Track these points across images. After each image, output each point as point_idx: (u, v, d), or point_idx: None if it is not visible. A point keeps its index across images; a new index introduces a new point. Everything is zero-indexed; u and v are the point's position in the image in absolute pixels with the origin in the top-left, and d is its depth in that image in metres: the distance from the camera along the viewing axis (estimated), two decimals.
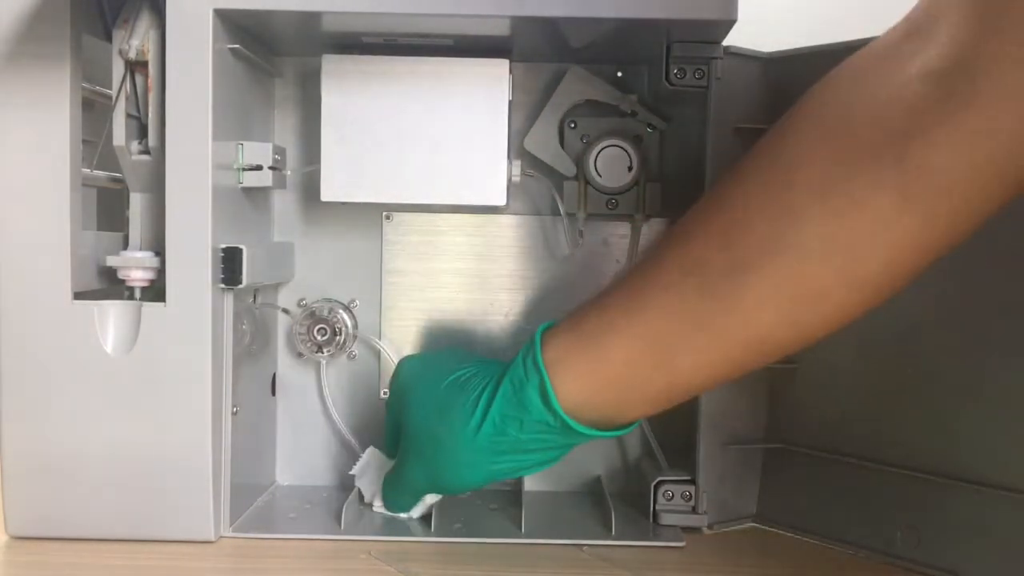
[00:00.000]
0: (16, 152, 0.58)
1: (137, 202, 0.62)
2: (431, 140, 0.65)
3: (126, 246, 0.63)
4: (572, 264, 0.73)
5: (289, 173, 0.69)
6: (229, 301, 0.61)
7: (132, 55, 0.59)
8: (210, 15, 0.57)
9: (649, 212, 0.71)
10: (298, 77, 0.72)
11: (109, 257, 0.61)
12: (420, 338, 0.73)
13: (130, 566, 0.57)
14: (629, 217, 0.71)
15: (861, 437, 0.62)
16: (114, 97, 0.60)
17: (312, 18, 0.60)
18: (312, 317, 0.71)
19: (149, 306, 0.59)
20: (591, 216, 0.71)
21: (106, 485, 0.59)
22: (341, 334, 0.71)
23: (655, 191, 0.70)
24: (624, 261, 0.72)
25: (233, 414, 0.62)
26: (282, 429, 0.74)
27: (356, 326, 0.72)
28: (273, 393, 0.73)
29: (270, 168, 0.64)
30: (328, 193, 0.66)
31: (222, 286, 0.60)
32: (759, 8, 0.65)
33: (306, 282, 0.73)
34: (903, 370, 0.60)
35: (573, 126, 0.71)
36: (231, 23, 0.60)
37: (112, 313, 0.59)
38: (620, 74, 0.72)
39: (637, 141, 0.70)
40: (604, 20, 0.58)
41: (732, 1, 0.57)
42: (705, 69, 0.63)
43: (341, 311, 0.72)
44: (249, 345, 0.66)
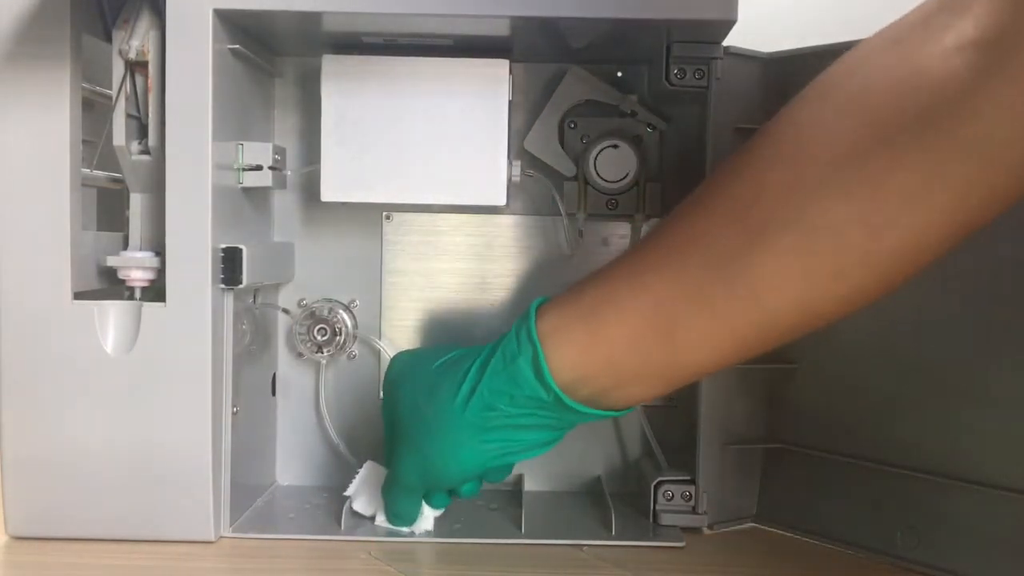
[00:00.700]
0: (16, 152, 0.58)
1: (137, 202, 0.62)
2: (431, 140, 0.65)
3: (126, 246, 0.63)
4: (572, 264, 0.73)
5: (289, 173, 0.69)
6: (229, 301, 0.61)
7: (132, 55, 0.59)
8: (210, 15, 0.57)
9: (649, 212, 0.71)
10: (298, 77, 0.72)
11: (109, 257, 0.61)
12: (420, 338, 0.73)
13: (130, 566, 0.57)
14: (629, 217, 0.71)
15: (861, 437, 0.62)
16: (114, 97, 0.60)
17: (312, 18, 0.60)
18: (312, 317, 0.71)
19: (149, 306, 0.59)
20: (591, 216, 0.71)
21: (106, 485, 0.59)
22: (341, 334, 0.71)
23: (655, 191, 0.70)
24: None
25: (233, 414, 0.62)
26: (282, 429, 0.74)
27: (356, 326, 0.72)
28: (273, 393, 0.73)
29: (270, 168, 0.64)
30: (328, 193, 0.66)
31: (222, 286, 0.60)
32: (759, 8, 0.65)
33: (306, 282, 0.73)
34: (903, 370, 0.60)
35: (573, 126, 0.71)
36: (231, 23, 0.60)
37: (112, 313, 0.59)
38: (620, 74, 0.72)
39: (637, 141, 0.70)
40: (604, 20, 0.58)
41: (732, 1, 0.57)
42: (705, 69, 0.63)
43: (341, 311, 0.72)
44: (249, 345, 0.66)
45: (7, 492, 0.60)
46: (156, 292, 0.61)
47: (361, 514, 0.65)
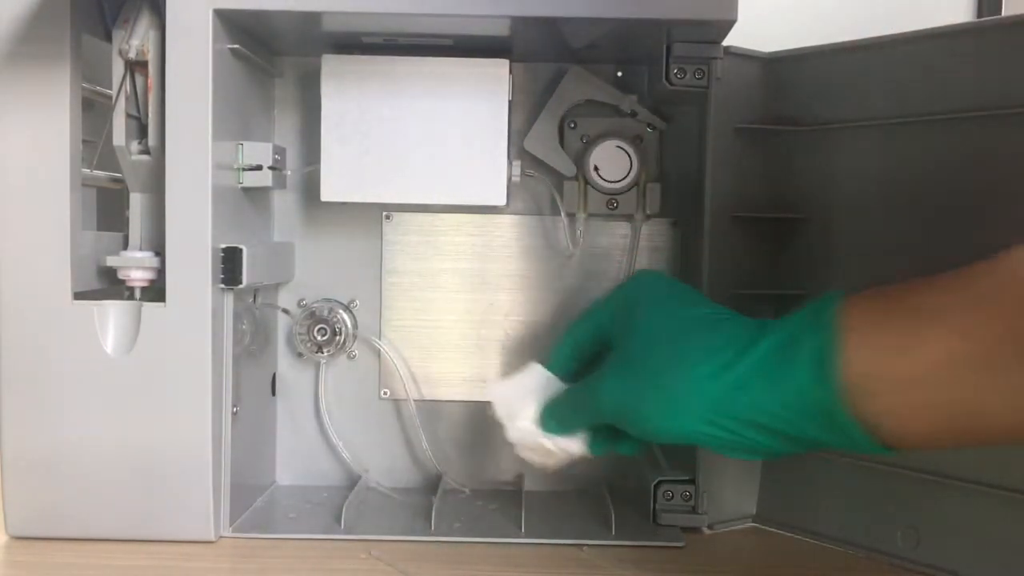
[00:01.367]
0: (16, 152, 0.58)
1: (137, 202, 0.62)
2: (431, 140, 0.65)
3: (126, 246, 0.63)
4: (572, 264, 0.73)
5: (289, 173, 0.69)
6: (229, 301, 0.61)
7: (132, 55, 0.59)
8: (210, 15, 0.57)
9: (649, 212, 0.71)
10: (298, 77, 0.72)
11: (109, 257, 0.61)
12: (420, 338, 0.73)
13: (130, 566, 0.57)
14: (629, 217, 0.71)
15: None
16: (114, 97, 0.60)
17: (312, 18, 0.60)
18: (312, 317, 0.71)
19: (149, 306, 0.59)
20: (591, 216, 0.71)
21: (106, 485, 0.59)
22: (341, 334, 0.71)
23: (655, 191, 0.70)
24: (624, 261, 0.72)
25: (233, 414, 0.62)
26: (282, 429, 0.74)
27: (356, 326, 0.72)
28: (273, 393, 0.73)
29: (270, 168, 0.64)
30: (328, 193, 0.66)
31: (222, 286, 0.60)
32: (759, 8, 0.65)
33: (306, 282, 0.73)
34: None
35: (573, 126, 0.71)
36: (231, 23, 0.60)
37: (112, 313, 0.59)
38: (620, 74, 0.72)
39: (637, 141, 0.70)
40: (604, 20, 0.58)
41: (732, 1, 0.57)
42: (705, 69, 0.63)
43: (341, 311, 0.72)
44: (249, 345, 0.66)
45: (7, 492, 0.60)
46: (156, 292, 0.61)
47: (502, 413, 0.58)
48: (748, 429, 0.46)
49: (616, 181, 0.70)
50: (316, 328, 0.71)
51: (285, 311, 0.72)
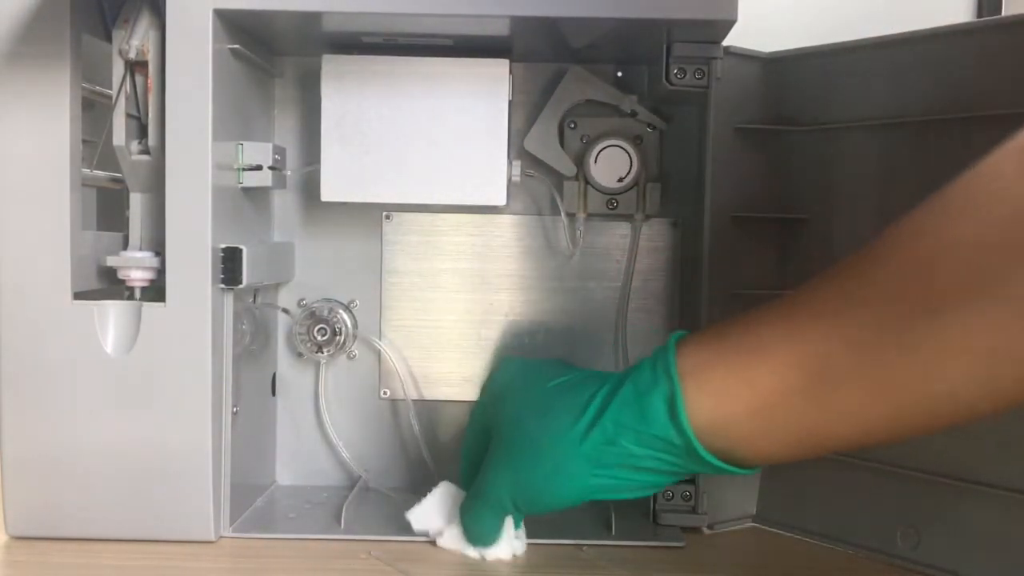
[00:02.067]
0: (16, 152, 0.58)
1: (137, 202, 0.62)
2: (431, 140, 0.65)
3: (126, 246, 0.63)
4: (572, 264, 0.73)
5: (289, 173, 0.69)
6: (229, 301, 0.61)
7: (132, 55, 0.59)
8: (210, 15, 0.57)
9: (649, 212, 0.71)
10: (298, 77, 0.72)
11: (109, 257, 0.61)
12: (420, 338, 0.73)
13: (130, 566, 0.57)
14: (629, 217, 0.71)
15: None
16: (114, 97, 0.60)
17: (312, 18, 0.60)
18: (312, 317, 0.71)
19: (149, 306, 0.59)
20: (591, 216, 0.71)
21: (106, 485, 0.59)
22: (341, 334, 0.71)
23: (655, 191, 0.70)
24: (624, 261, 0.72)
25: (233, 414, 0.62)
26: (282, 429, 0.74)
27: (356, 326, 0.72)
28: (273, 393, 0.73)
29: (270, 168, 0.64)
30: (328, 193, 0.66)
31: (222, 286, 0.60)
32: (759, 8, 0.65)
33: (306, 282, 0.73)
34: None
35: (573, 126, 0.71)
36: (231, 23, 0.60)
37: (112, 313, 0.59)
38: (620, 74, 0.72)
39: (637, 141, 0.70)
40: (604, 20, 0.58)
41: (732, 1, 0.57)
42: (705, 69, 0.63)
43: (341, 311, 0.72)
44: (249, 345, 0.66)
45: (7, 492, 0.60)
46: (156, 292, 0.61)
47: (423, 531, 0.61)
48: (630, 473, 0.51)
49: (616, 181, 0.70)
50: (316, 328, 0.71)
51: (285, 311, 0.72)
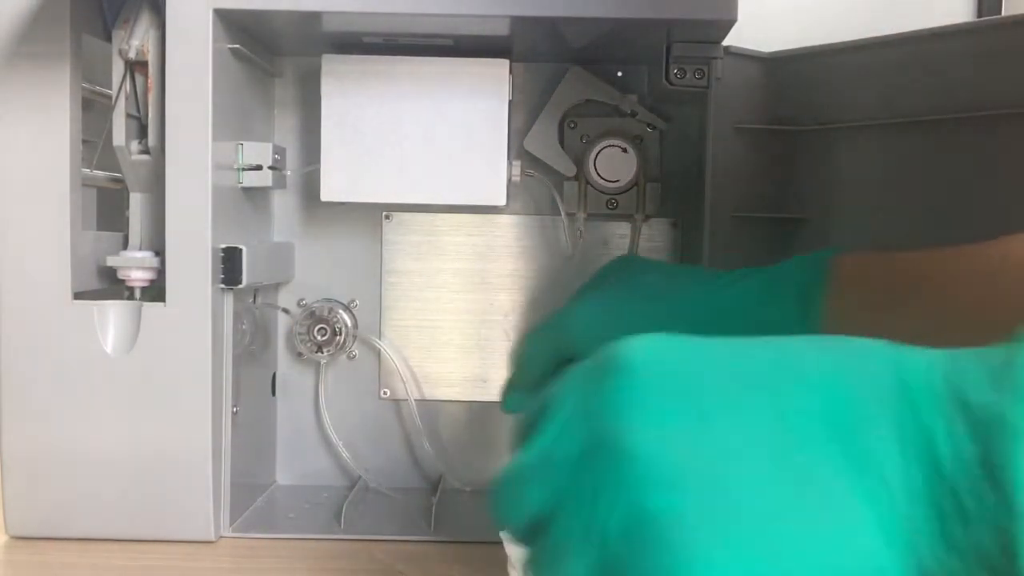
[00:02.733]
0: (16, 152, 0.58)
1: (137, 202, 0.62)
2: (431, 140, 0.65)
3: (126, 246, 0.63)
4: (572, 264, 0.73)
5: (289, 173, 0.69)
6: (229, 301, 0.61)
7: (132, 55, 0.59)
8: (210, 15, 0.57)
9: (649, 212, 0.71)
10: (298, 77, 0.72)
11: (109, 257, 0.61)
12: (420, 338, 0.73)
13: (130, 566, 0.57)
14: (629, 217, 0.71)
15: None
16: (114, 97, 0.60)
17: (312, 18, 0.60)
18: (312, 317, 0.71)
19: (149, 306, 0.59)
20: (591, 216, 0.71)
21: (106, 485, 0.59)
22: (341, 334, 0.71)
23: (655, 191, 0.70)
24: None
25: (233, 414, 0.62)
26: (282, 429, 0.74)
27: (356, 326, 0.72)
28: (273, 393, 0.73)
29: (270, 168, 0.64)
30: (328, 193, 0.66)
31: (222, 286, 0.60)
32: (759, 8, 0.65)
33: (306, 282, 0.73)
34: None
35: (573, 126, 0.71)
36: (231, 23, 0.60)
37: (112, 313, 0.59)
38: (620, 74, 0.72)
39: (637, 141, 0.70)
40: (604, 20, 0.58)
41: (732, 1, 0.57)
42: (705, 69, 0.63)
43: (341, 311, 0.72)
44: (249, 345, 0.66)
45: (7, 492, 0.60)
46: (156, 292, 0.61)
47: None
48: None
49: (616, 181, 0.70)
50: (316, 328, 0.71)
51: (285, 311, 0.72)
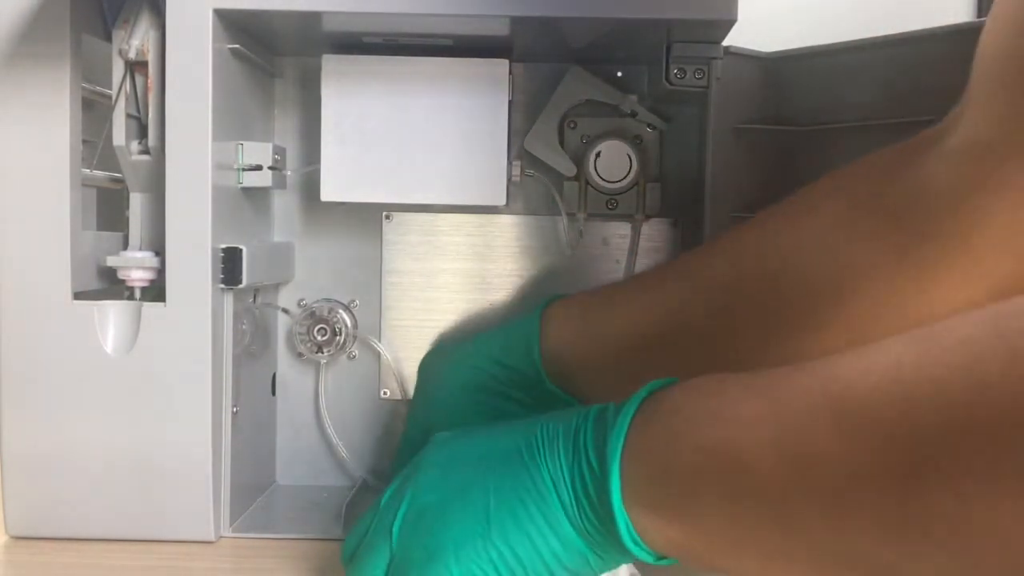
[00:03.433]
0: (16, 152, 0.58)
1: (137, 202, 0.62)
2: (431, 140, 0.65)
3: (126, 246, 0.63)
4: (572, 264, 0.73)
5: (289, 173, 0.69)
6: (229, 301, 0.61)
7: (132, 55, 0.59)
8: (210, 15, 0.57)
9: (649, 212, 0.71)
10: (298, 77, 0.72)
11: (109, 257, 0.61)
12: (420, 338, 0.73)
13: (130, 566, 0.57)
14: (629, 217, 0.71)
15: None
16: (114, 97, 0.60)
17: (312, 18, 0.60)
18: (312, 317, 0.71)
19: (149, 306, 0.59)
20: (591, 216, 0.71)
21: (106, 485, 0.59)
22: (341, 334, 0.71)
23: (655, 191, 0.70)
24: (624, 261, 0.72)
25: (233, 414, 0.62)
26: (282, 429, 0.74)
27: (356, 326, 0.72)
28: (273, 393, 0.73)
29: (270, 168, 0.64)
30: (328, 193, 0.66)
31: (222, 286, 0.60)
32: (759, 8, 0.65)
33: (306, 282, 0.73)
34: None
35: (573, 126, 0.71)
36: (231, 23, 0.60)
37: (112, 313, 0.59)
38: (620, 74, 0.72)
39: (637, 141, 0.70)
40: (604, 20, 0.58)
41: (732, 1, 0.57)
42: (705, 69, 0.63)
43: (341, 311, 0.72)
44: (249, 345, 0.66)
45: (7, 492, 0.60)
46: (156, 292, 0.61)
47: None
48: None
49: (616, 181, 0.70)
50: (316, 328, 0.71)
51: (285, 311, 0.72)
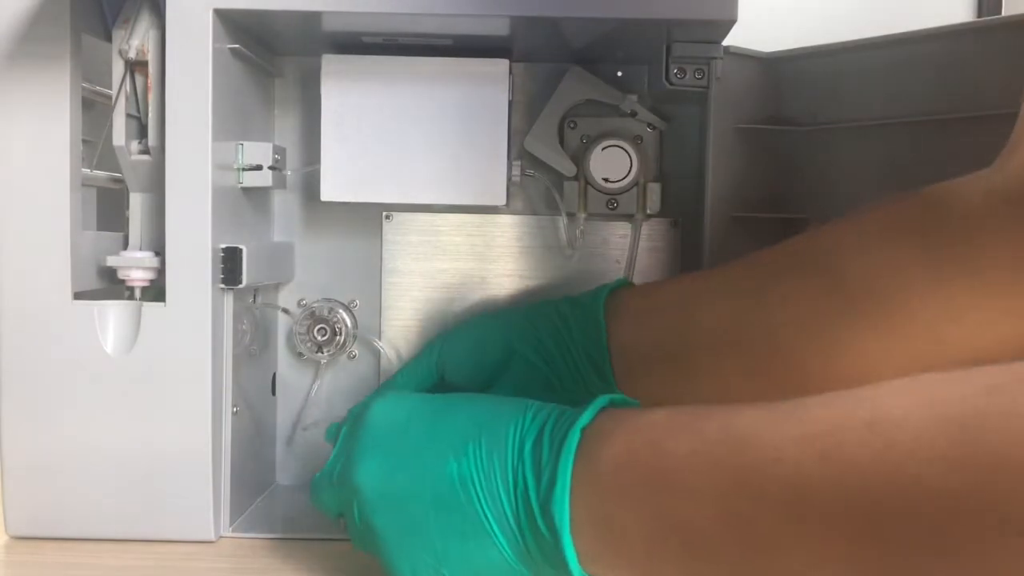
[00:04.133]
0: (16, 152, 0.58)
1: (137, 202, 0.62)
2: (431, 140, 0.65)
3: (126, 246, 0.63)
4: (572, 264, 0.73)
5: (289, 173, 0.69)
6: (229, 301, 0.61)
7: (132, 55, 0.59)
8: (210, 15, 0.57)
9: (649, 212, 0.71)
10: (298, 77, 0.72)
11: (109, 257, 0.61)
12: (420, 338, 0.73)
13: (130, 566, 0.57)
14: (629, 217, 0.71)
15: None
16: (114, 97, 0.60)
17: (312, 18, 0.60)
18: (312, 317, 0.71)
19: (149, 306, 0.59)
20: (591, 216, 0.71)
21: (106, 485, 0.59)
22: (341, 334, 0.71)
23: (655, 191, 0.70)
24: (624, 261, 0.72)
25: (233, 414, 0.62)
26: (282, 429, 0.74)
27: (356, 326, 0.72)
28: (273, 393, 0.73)
29: (270, 168, 0.64)
30: (328, 193, 0.66)
31: (222, 286, 0.60)
32: (759, 8, 0.65)
33: (306, 282, 0.73)
34: None
35: (573, 126, 0.71)
36: (231, 23, 0.60)
37: (112, 313, 0.59)
38: (620, 74, 0.72)
39: (637, 141, 0.70)
40: (604, 20, 0.58)
41: (732, 1, 0.57)
42: (705, 69, 0.63)
43: (341, 311, 0.72)
44: (249, 345, 0.66)
45: (7, 492, 0.60)
46: (156, 292, 0.61)
47: None
48: None
49: (616, 181, 0.70)
50: (316, 328, 0.71)
51: (285, 311, 0.72)
